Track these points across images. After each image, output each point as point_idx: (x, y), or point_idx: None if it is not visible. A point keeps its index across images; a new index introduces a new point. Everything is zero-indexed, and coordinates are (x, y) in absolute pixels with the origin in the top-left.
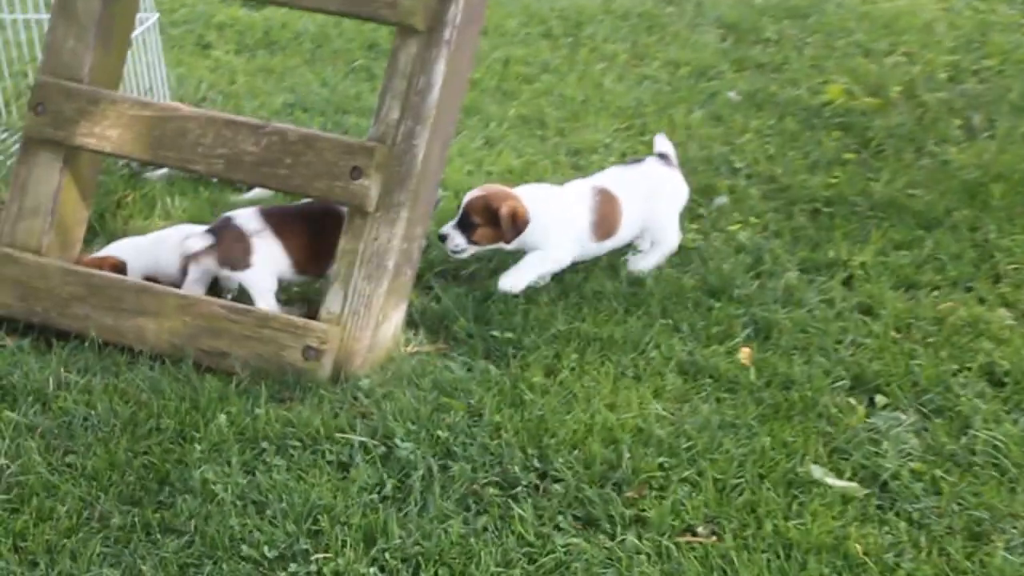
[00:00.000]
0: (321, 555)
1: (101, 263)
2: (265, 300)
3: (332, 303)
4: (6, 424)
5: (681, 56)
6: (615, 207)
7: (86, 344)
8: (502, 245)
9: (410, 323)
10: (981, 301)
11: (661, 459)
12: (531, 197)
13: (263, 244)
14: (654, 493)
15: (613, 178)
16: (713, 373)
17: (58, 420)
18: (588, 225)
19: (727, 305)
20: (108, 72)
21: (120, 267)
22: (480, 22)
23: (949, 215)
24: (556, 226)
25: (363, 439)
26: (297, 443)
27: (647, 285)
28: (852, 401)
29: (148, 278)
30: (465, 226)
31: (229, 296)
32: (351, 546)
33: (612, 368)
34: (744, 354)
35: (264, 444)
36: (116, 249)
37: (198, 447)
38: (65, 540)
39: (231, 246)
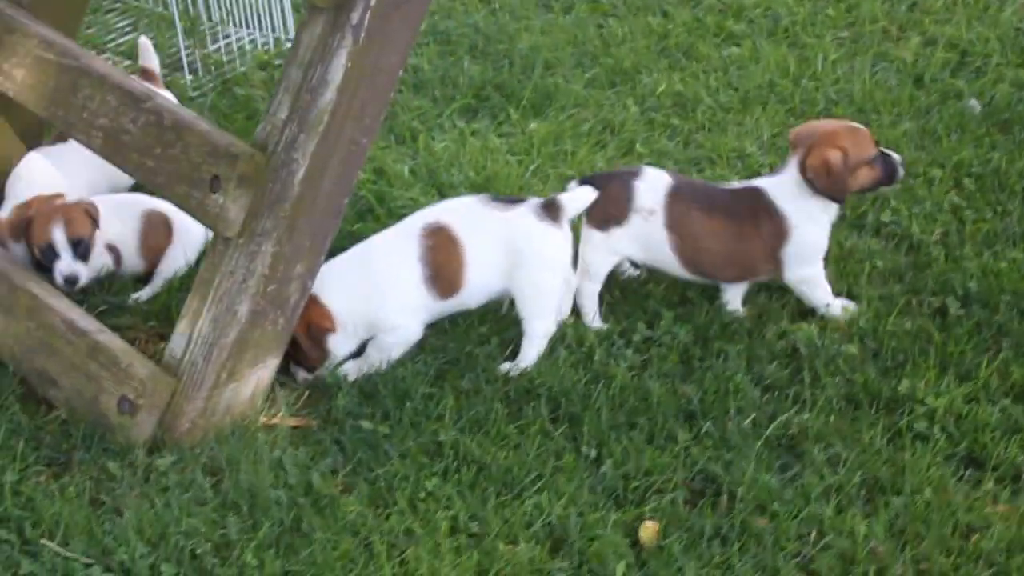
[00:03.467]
0: None
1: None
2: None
3: (175, 345)
4: None
5: (955, 33)
6: (458, 255)
7: None
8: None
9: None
10: None
11: None
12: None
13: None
14: None
15: (460, 214)
16: (582, 553)
17: None
18: (420, 282)
19: (687, 442)
20: None
21: None
22: (419, 1)
23: None
24: (377, 304)
25: (72, 555)
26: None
27: (615, 383)
28: None
29: None
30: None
31: None
32: None
33: (444, 520)
34: (649, 530)
35: None
36: None
37: None
38: None
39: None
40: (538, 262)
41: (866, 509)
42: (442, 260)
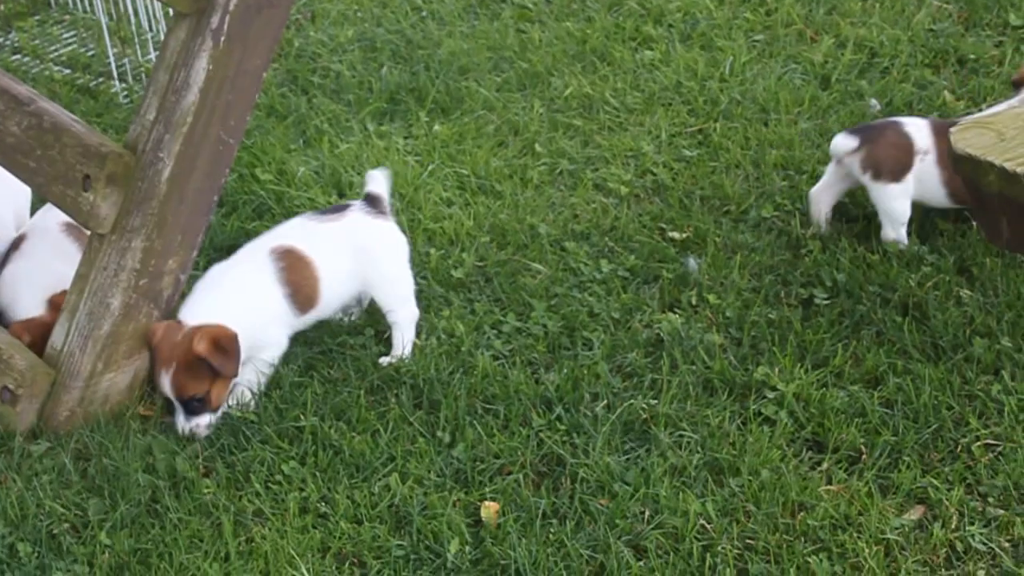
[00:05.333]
0: None
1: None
2: (896, 230)
3: (57, 337)
4: None
5: (867, 35)
6: (309, 271)
7: None
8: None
9: None
10: (886, 492)
11: None
12: (207, 306)
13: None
14: None
15: (300, 234)
16: (420, 531)
17: None
18: (283, 300)
19: (540, 427)
20: None
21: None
22: (280, 6)
23: (992, 339)
24: (253, 325)
25: None
26: None
27: (478, 370)
28: None
29: None
30: (195, 405)
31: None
32: None
33: (295, 501)
34: (488, 509)
35: None
36: None
37: None
38: None
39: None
40: (385, 255)
41: (704, 490)
42: (297, 279)
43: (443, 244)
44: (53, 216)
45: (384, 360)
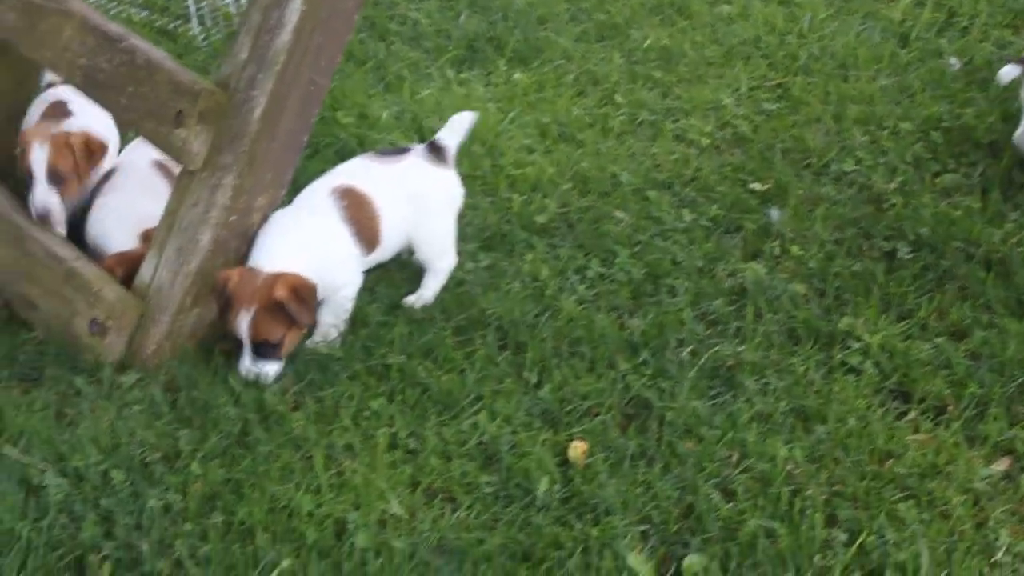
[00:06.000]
0: None
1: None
2: None
3: (145, 271)
4: None
5: None
6: (371, 211)
7: None
8: None
9: None
10: (973, 443)
11: None
12: (281, 252)
13: None
14: None
15: (361, 174)
16: (510, 469)
17: None
18: (350, 238)
19: (626, 371)
20: None
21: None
22: None
23: None
24: (327, 266)
25: (30, 461)
26: None
27: (563, 314)
28: None
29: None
30: (266, 350)
31: None
32: None
33: (384, 436)
34: (576, 449)
35: None
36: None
37: None
38: None
39: None
40: (437, 205)
41: (791, 436)
42: (360, 217)
43: (525, 190)
44: (142, 153)
45: (409, 299)
